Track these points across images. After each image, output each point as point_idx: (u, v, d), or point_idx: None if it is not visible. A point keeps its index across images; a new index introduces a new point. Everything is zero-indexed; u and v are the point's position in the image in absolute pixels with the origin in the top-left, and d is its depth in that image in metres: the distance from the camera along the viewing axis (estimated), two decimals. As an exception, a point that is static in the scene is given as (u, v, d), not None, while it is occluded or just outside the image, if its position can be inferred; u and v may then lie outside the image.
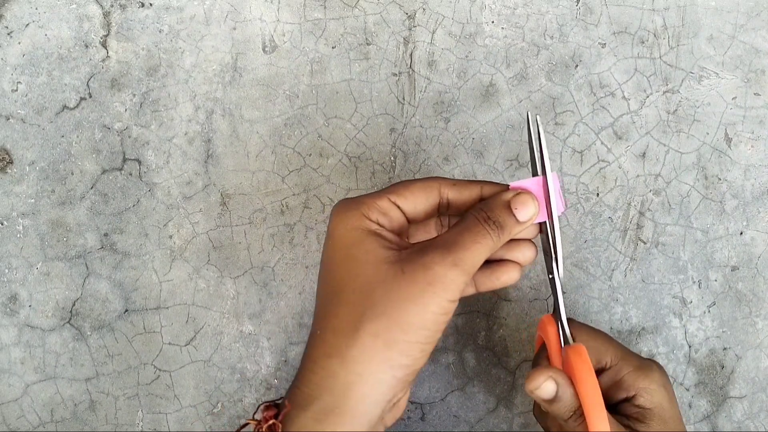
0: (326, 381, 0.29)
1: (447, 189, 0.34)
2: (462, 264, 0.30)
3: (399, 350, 0.29)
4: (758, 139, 0.52)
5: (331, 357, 0.29)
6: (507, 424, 0.51)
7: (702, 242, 0.52)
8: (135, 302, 0.51)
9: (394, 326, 0.29)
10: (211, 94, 0.51)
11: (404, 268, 0.30)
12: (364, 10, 0.52)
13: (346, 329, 0.29)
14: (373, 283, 0.30)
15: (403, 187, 0.33)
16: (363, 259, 0.30)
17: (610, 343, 0.36)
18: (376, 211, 0.32)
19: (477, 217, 0.32)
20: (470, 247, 0.30)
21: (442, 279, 0.29)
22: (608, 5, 0.52)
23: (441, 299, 0.29)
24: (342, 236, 0.32)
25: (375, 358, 0.29)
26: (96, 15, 0.51)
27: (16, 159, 0.51)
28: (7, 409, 0.51)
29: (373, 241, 0.31)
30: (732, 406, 0.52)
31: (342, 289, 0.31)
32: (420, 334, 0.29)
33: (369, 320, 0.29)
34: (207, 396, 0.51)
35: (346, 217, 0.32)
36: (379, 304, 0.29)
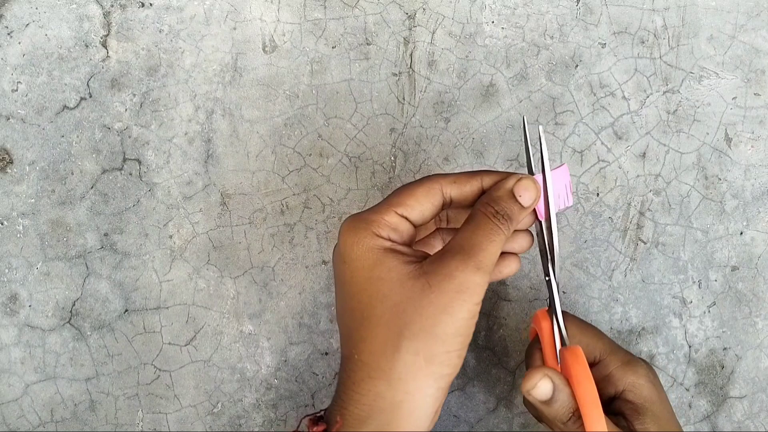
0: (376, 402, 0.30)
1: (448, 188, 0.34)
2: (483, 266, 0.30)
3: (440, 362, 0.30)
4: (758, 139, 0.52)
5: (375, 379, 0.30)
6: (507, 424, 0.51)
7: (702, 242, 0.52)
8: (135, 302, 0.51)
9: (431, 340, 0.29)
10: (211, 94, 0.51)
11: (430, 281, 0.30)
12: (364, 10, 0.52)
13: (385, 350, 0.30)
14: (404, 301, 0.30)
15: (407, 196, 0.33)
16: (387, 278, 0.31)
17: (600, 338, 0.36)
18: (386, 227, 0.32)
19: (486, 213, 0.32)
20: (486, 247, 0.31)
21: (468, 285, 0.30)
22: (608, 5, 0.52)
23: (469, 304, 0.30)
24: (359, 258, 0.32)
25: (419, 374, 0.29)
26: (96, 15, 0.51)
27: (16, 159, 0.51)
28: (7, 409, 0.51)
29: (393, 259, 0.31)
30: (732, 406, 0.52)
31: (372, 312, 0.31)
32: (456, 342, 0.30)
33: (407, 339, 0.29)
34: (207, 396, 0.51)
35: (359, 239, 0.32)
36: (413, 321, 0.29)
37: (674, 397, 0.51)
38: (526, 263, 0.51)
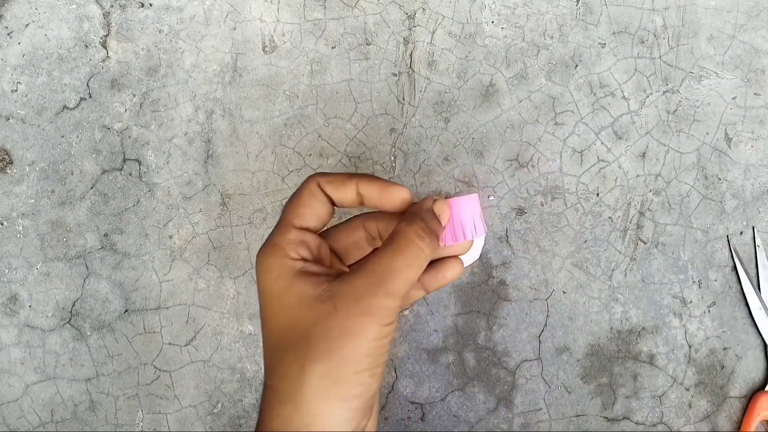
0: (285, 425, 0.30)
1: (326, 186, 0.34)
2: (394, 292, 0.30)
3: (348, 382, 0.30)
4: (758, 139, 0.52)
5: (283, 403, 0.30)
6: (507, 424, 0.51)
7: (702, 242, 0.52)
8: (135, 302, 0.51)
9: (337, 362, 0.29)
10: (211, 94, 0.51)
11: (336, 304, 0.30)
12: (364, 10, 0.52)
13: (292, 375, 0.30)
14: (311, 325, 0.30)
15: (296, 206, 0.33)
16: (296, 305, 0.31)
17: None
18: (292, 246, 0.32)
19: (410, 232, 0.32)
20: (403, 272, 0.31)
21: (375, 309, 0.30)
22: (608, 5, 0.52)
23: (377, 326, 0.30)
24: (270, 287, 0.32)
25: (327, 396, 0.29)
26: (96, 15, 0.51)
27: (16, 159, 0.51)
28: (7, 409, 0.51)
29: (301, 283, 0.31)
30: (732, 406, 0.52)
31: (283, 339, 0.31)
32: (364, 363, 0.30)
33: (312, 361, 0.29)
34: (207, 396, 0.51)
35: (269, 266, 0.32)
36: (319, 344, 0.30)
37: (674, 397, 0.51)
38: (525, 263, 0.51)
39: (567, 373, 0.51)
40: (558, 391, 0.51)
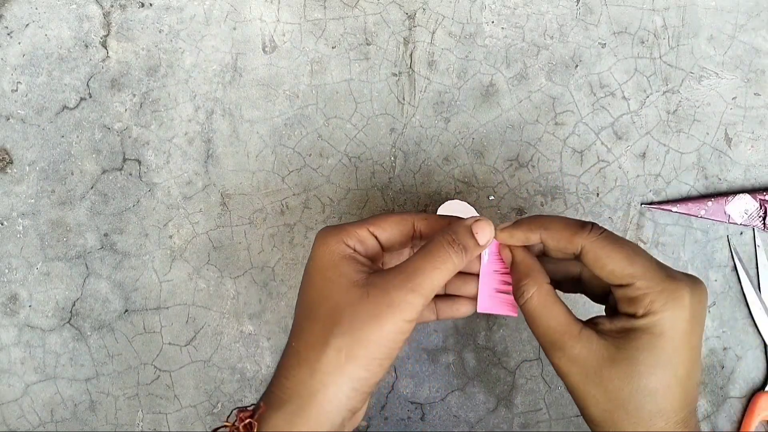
0: (297, 387, 0.33)
1: (419, 223, 0.38)
2: (420, 289, 0.34)
3: (358, 364, 0.33)
4: (758, 139, 0.52)
5: (302, 366, 0.34)
6: (507, 424, 0.51)
7: (702, 242, 0.52)
8: (135, 302, 0.51)
9: (355, 343, 0.33)
10: (211, 94, 0.51)
11: (369, 291, 0.34)
12: (364, 10, 0.52)
13: (316, 343, 0.33)
14: (342, 303, 0.34)
15: (381, 219, 0.37)
16: (336, 281, 0.35)
17: (631, 261, 0.34)
18: (354, 238, 0.36)
19: (443, 240, 0.35)
20: (430, 273, 0.34)
21: (400, 302, 0.33)
22: (608, 5, 0.52)
23: (398, 319, 0.33)
24: (320, 258, 0.36)
25: (337, 371, 0.33)
26: (96, 15, 0.51)
27: (16, 159, 0.51)
28: (7, 409, 0.51)
29: (347, 265, 0.35)
30: (732, 406, 0.52)
31: (316, 308, 0.35)
32: (378, 350, 0.33)
33: (335, 336, 0.33)
34: (207, 396, 0.51)
35: (326, 242, 0.36)
36: (344, 322, 0.33)
37: (674, 397, 0.51)
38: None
39: (567, 373, 0.51)
40: (558, 391, 0.51)
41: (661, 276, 0.34)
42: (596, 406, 0.34)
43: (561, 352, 0.34)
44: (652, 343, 0.33)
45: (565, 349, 0.34)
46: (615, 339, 0.34)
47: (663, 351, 0.33)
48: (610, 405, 0.33)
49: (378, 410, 0.51)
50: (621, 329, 0.34)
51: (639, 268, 0.34)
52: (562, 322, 0.34)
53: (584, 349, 0.34)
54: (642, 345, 0.33)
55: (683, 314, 0.33)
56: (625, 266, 0.34)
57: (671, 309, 0.33)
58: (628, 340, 0.33)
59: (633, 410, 0.33)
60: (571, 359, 0.34)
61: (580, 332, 0.34)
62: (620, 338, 0.34)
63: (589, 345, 0.34)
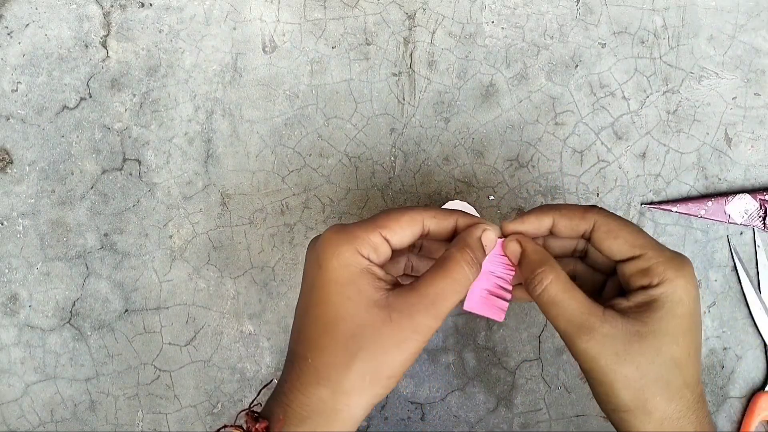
0: (317, 405, 0.33)
1: (429, 221, 0.37)
2: (442, 314, 0.34)
3: (381, 384, 0.34)
4: (758, 139, 0.52)
5: (322, 386, 0.34)
6: (507, 424, 0.51)
7: (702, 242, 0.52)
8: (135, 302, 0.51)
9: (379, 367, 0.33)
10: (211, 94, 0.51)
11: (392, 316, 0.34)
12: (364, 10, 0.52)
13: (338, 365, 0.33)
14: (365, 326, 0.34)
15: (393, 221, 0.36)
16: (356, 299, 0.34)
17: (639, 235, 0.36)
18: (369, 246, 0.35)
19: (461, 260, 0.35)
20: (451, 296, 0.34)
21: (423, 328, 0.34)
22: (608, 5, 0.52)
23: (420, 343, 0.34)
24: (335, 271, 0.34)
25: (362, 392, 0.33)
26: (96, 15, 0.51)
27: (16, 159, 0.51)
28: (7, 409, 0.51)
29: (365, 282, 0.34)
30: (732, 406, 0.52)
31: (334, 326, 0.34)
32: (399, 371, 0.34)
33: (360, 360, 0.33)
34: (207, 396, 0.51)
35: (340, 251, 0.35)
36: (369, 347, 0.33)
37: (674, 397, 0.51)
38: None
39: (567, 373, 0.51)
40: (558, 391, 0.52)
41: (664, 248, 0.36)
42: (627, 387, 0.34)
43: (589, 334, 0.34)
44: (673, 310, 0.34)
45: (593, 331, 0.34)
46: (636, 314, 0.34)
47: (683, 318, 0.34)
48: (642, 382, 0.33)
49: (378, 410, 0.51)
50: (640, 304, 0.34)
51: (648, 240, 0.36)
52: (586, 304, 0.34)
53: (612, 327, 0.34)
54: (664, 314, 0.34)
55: (692, 281, 0.35)
56: (636, 237, 0.35)
57: (683, 276, 0.34)
58: (650, 312, 0.34)
59: (665, 384, 0.33)
60: (601, 340, 0.34)
61: (604, 312, 0.34)
62: (641, 312, 0.34)
63: (615, 323, 0.34)
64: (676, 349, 0.34)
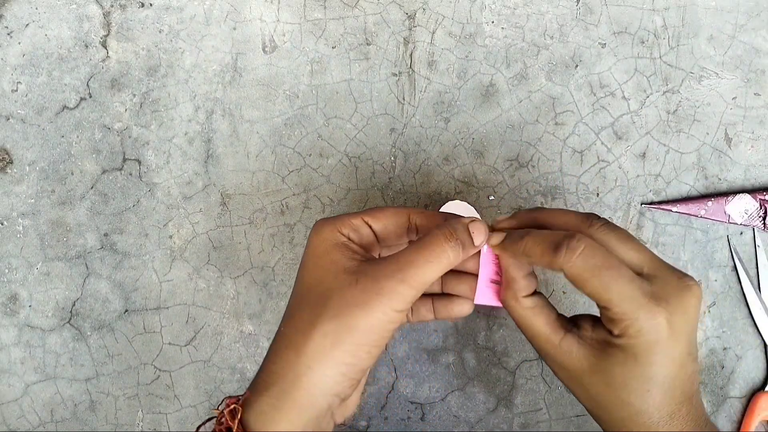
0: (283, 369, 0.34)
1: (415, 216, 0.38)
2: (411, 280, 0.34)
3: (344, 350, 0.33)
4: (758, 139, 0.52)
5: (289, 349, 0.34)
6: (507, 424, 0.51)
7: (702, 242, 0.52)
8: (135, 302, 0.51)
9: (342, 328, 0.33)
10: (211, 94, 0.51)
11: (358, 279, 0.34)
12: (364, 10, 0.52)
13: (303, 327, 0.34)
14: (332, 289, 0.34)
15: (377, 210, 0.38)
16: (328, 267, 0.35)
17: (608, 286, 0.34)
18: (349, 227, 0.37)
19: (440, 234, 0.35)
20: (423, 265, 0.34)
21: (389, 291, 0.33)
22: (608, 5, 0.52)
23: (386, 308, 0.33)
24: (314, 246, 0.36)
25: (323, 355, 0.33)
26: (96, 15, 0.51)
27: (16, 159, 0.51)
28: (7, 409, 0.51)
29: (339, 252, 0.35)
30: (732, 406, 0.52)
31: (307, 293, 0.35)
32: (365, 338, 0.33)
33: (322, 321, 0.33)
34: (207, 396, 0.51)
35: (322, 231, 0.36)
36: (332, 307, 0.33)
37: (674, 397, 0.51)
38: (526, 263, 0.51)
39: (567, 373, 0.51)
40: (558, 391, 0.51)
41: (639, 301, 0.33)
42: (584, 401, 0.36)
43: (546, 357, 0.37)
44: (626, 361, 0.34)
45: (548, 356, 0.36)
46: (594, 349, 0.35)
47: (635, 370, 0.34)
48: (592, 404, 0.36)
49: (378, 410, 0.51)
50: (600, 341, 0.35)
51: (615, 295, 0.34)
52: (544, 332, 0.36)
53: (565, 357, 0.35)
54: (617, 361, 0.34)
55: (658, 338, 0.33)
56: (600, 293, 0.34)
57: (646, 335, 0.33)
58: (605, 354, 0.34)
59: (614, 413, 0.35)
60: (556, 365, 0.36)
61: (561, 342, 0.35)
62: (599, 349, 0.35)
63: (569, 354, 0.35)
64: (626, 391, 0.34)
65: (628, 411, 0.34)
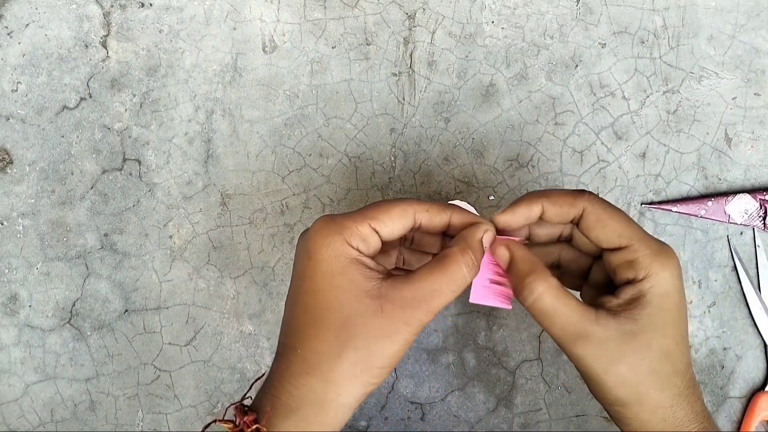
0: (308, 395, 0.33)
1: (421, 215, 0.37)
2: (434, 310, 0.34)
3: (372, 374, 0.34)
4: (758, 139, 0.52)
5: (312, 376, 0.33)
6: (507, 424, 0.51)
7: (702, 242, 0.52)
8: (135, 302, 0.51)
9: (370, 357, 0.33)
10: (211, 94, 0.51)
11: (383, 307, 0.33)
12: (364, 10, 0.52)
13: (328, 355, 0.33)
14: (355, 315, 0.33)
15: (383, 213, 0.36)
16: (346, 288, 0.34)
17: (628, 223, 0.36)
18: (358, 237, 0.35)
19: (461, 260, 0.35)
20: (446, 294, 0.34)
21: (415, 322, 0.33)
22: (608, 5, 0.52)
23: (411, 335, 0.34)
24: (326, 261, 0.34)
25: (352, 381, 0.33)
26: (96, 15, 0.51)
27: (16, 159, 0.51)
28: (7, 409, 0.51)
29: (356, 271, 0.34)
30: (732, 406, 0.52)
31: (325, 315, 0.34)
32: (390, 362, 0.34)
33: (350, 349, 0.33)
34: (207, 396, 0.51)
35: (330, 243, 0.34)
36: (359, 336, 0.33)
37: (674, 397, 0.51)
38: (526, 263, 0.51)
39: (567, 373, 0.51)
40: (558, 391, 0.52)
41: (650, 239, 0.36)
42: (623, 385, 0.34)
43: (584, 340, 0.34)
44: (660, 305, 0.34)
45: (588, 337, 0.34)
46: (626, 312, 0.34)
47: (670, 310, 0.34)
48: (637, 378, 0.34)
49: (378, 410, 0.51)
50: (628, 301, 0.35)
51: (636, 230, 0.35)
52: (579, 310, 0.34)
53: (606, 331, 0.34)
54: (653, 310, 0.34)
55: (677, 271, 0.35)
56: (624, 227, 0.35)
57: (668, 269, 0.35)
58: (639, 309, 0.34)
59: (656, 376, 0.34)
60: (596, 345, 0.34)
61: (597, 316, 0.34)
62: (630, 310, 0.34)
63: (608, 326, 0.34)
64: (665, 341, 0.34)
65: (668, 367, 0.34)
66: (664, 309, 0.34)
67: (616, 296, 0.35)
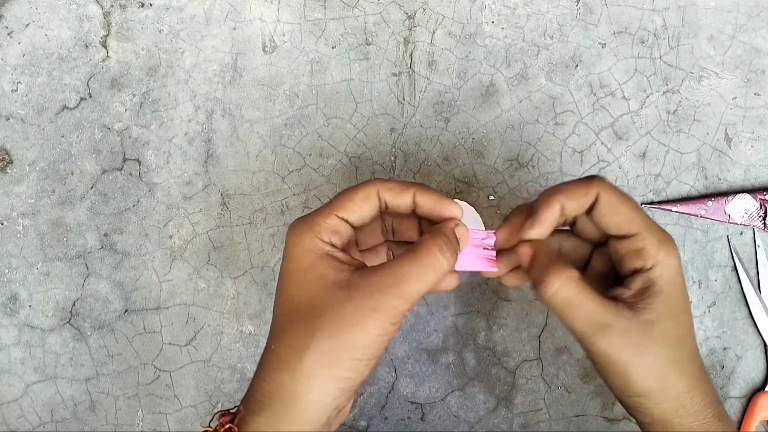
0: (277, 390, 0.33)
1: (384, 193, 0.36)
2: (406, 295, 0.33)
3: (343, 367, 0.32)
4: (758, 139, 0.52)
5: (282, 370, 0.33)
6: (507, 424, 0.51)
7: (702, 242, 0.52)
8: (135, 302, 0.51)
9: (339, 346, 0.32)
10: (211, 94, 0.51)
11: (352, 294, 0.33)
12: (364, 10, 0.52)
13: (297, 346, 0.33)
14: (324, 306, 0.33)
15: (347, 200, 0.36)
16: (317, 282, 0.34)
17: (636, 211, 0.36)
18: (328, 231, 0.35)
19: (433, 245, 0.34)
20: (417, 279, 0.33)
21: (385, 307, 0.33)
22: (608, 5, 0.52)
23: (383, 323, 0.33)
24: (298, 259, 0.35)
25: (321, 373, 0.32)
26: (96, 15, 0.51)
27: (16, 159, 0.51)
28: (7, 409, 0.51)
29: (326, 265, 0.34)
30: (732, 406, 0.52)
31: (296, 310, 0.34)
32: (363, 353, 0.33)
33: (317, 340, 0.32)
34: (207, 396, 0.51)
35: (302, 240, 0.35)
36: (327, 325, 0.32)
37: (674, 397, 0.51)
38: (526, 263, 0.51)
39: (567, 373, 0.51)
40: (558, 391, 0.52)
41: (656, 227, 0.36)
42: (648, 375, 0.34)
43: (607, 333, 0.34)
44: (670, 292, 0.35)
45: (611, 329, 0.34)
46: (640, 302, 0.35)
47: (679, 297, 0.35)
48: (660, 367, 0.34)
49: (378, 410, 0.51)
50: (640, 291, 0.35)
51: (644, 219, 0.36)
52: (601, 302, 0.34)
53: (628, 322, 0.34)
54: (665, 298, 0.35)
55: (679, 260, 0.36)
56: (634, 215, 0.36)
57: (673, 257, 0.35)
58: (651, 298, 0.35)
59: (675, 363, 0.35)
60: (620, 336, 0.34)
61: (617, 308, 0.34)
62: (643, 300, 0.35)
63: (629, 317, 0.34)
64: (679, 328, 0.35)
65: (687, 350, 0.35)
66: (673, 296, 0.35)
67: (627, 287, 0.36)
